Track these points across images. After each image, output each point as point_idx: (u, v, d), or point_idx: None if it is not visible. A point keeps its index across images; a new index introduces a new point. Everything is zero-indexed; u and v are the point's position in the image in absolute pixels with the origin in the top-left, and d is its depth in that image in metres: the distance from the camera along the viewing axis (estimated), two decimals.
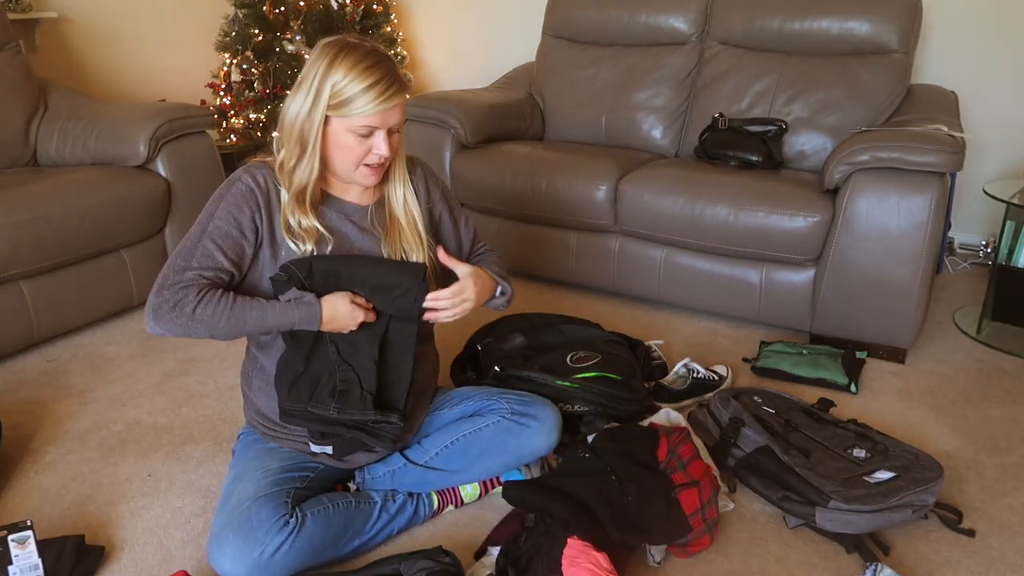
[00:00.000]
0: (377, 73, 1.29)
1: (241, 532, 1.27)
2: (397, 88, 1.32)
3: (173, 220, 2.54)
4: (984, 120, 2.97)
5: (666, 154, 2.87)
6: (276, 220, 1.38)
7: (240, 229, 1.35)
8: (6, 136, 2.53)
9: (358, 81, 1.28)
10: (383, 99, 1.30)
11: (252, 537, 1.26)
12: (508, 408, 1.55)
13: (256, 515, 1.28)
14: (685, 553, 1.43)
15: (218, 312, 1.29)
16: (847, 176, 2.13)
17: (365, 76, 1.29)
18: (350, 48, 1.30)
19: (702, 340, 2.36)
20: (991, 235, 3.06)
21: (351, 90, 1.29)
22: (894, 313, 2.12)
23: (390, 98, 1.31)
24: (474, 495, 1.58)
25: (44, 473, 1.70)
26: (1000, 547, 1.48)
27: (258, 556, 1.25)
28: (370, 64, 1.30)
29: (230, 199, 1.36)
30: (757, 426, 1.63)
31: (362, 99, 1.29)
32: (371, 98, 1.29)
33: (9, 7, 2.91)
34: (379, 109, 1.30)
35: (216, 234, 1.34)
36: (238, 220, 1.35)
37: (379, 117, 1.31)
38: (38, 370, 2.16)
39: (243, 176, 1.38)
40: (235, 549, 1.26)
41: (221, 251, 1.33)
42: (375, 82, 1.29)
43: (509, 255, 2.76)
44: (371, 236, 1.46)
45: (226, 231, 1.34)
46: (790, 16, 2.67)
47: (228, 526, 1.28)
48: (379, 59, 1.31)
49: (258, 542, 1.26)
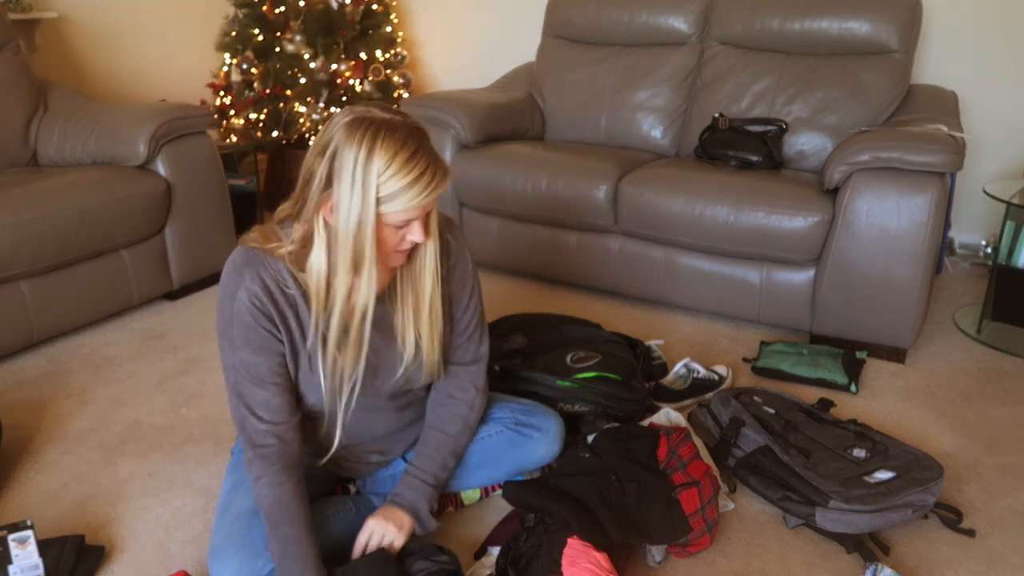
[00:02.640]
0: (422, 164, 1.14)
1: (243, 547, 1.26)
2: (441, 178, 1.16)
3: (173, 220, 2.54)
4: (984, 120, 2.97)
5: (666, 154, 2.87)
6: (289, 320, 1.25)
7: (268, 350, 1.24)
8: (6, 136, 2.53)
9: (401, 175, 1.12)
10: (428, 193, 1.15)
11: (253, 552, 1.25)
12: (511, 418, 1.54)
13: (257, 528, 1.27)
14: (685, 553, 1.43)
15: (263, 505, 1.24)
16: (847, 176, 2.13)
17: (408, 168, 1.13)
18: (386, 132, 1.13)
19: (702, 340, 2.36)
20: (991, 235, 3.06)
21: (393, 186, 1.13)
22: (894, 313, 2.12)
23: (435, 190, 1.16)
24: (474, 497, 1.58)
25: (44, 473, 1.70)
26: (1000, 547, 1.48)
27: (260, 569, 1.25)
28: (412, 152, 1.13)
29: (241, 328, 1.23)
30: (757, 426, 1.63)
31: (407, 195, 1.13)
32: (416, 193, 1.14)
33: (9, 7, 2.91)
34: (427, 202, 1.16)
35: (249, 373, 1.24)
36: (263, 346, 1.24)
37: (422, 210, 1.18)
38: (38, 370, 2.16)
39: (238, 292, 1.22)
40: (236, 563, 1.25)
41: (265, 378, 1.25)
42: (420, 175, 1.13)
43: (509, 255, 2.76)
44: (382, 324, 1.32)
45: (255, 361, 1.24)
46: (790, 16, 2.67)
47: (229, 539, 1.27)
48: (419, 144, 1.15)
49: (259, 556, 1.25)
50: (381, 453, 1.48)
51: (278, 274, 1.23)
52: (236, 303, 1.22)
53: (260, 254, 1.23)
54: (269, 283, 1.22)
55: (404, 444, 1.51)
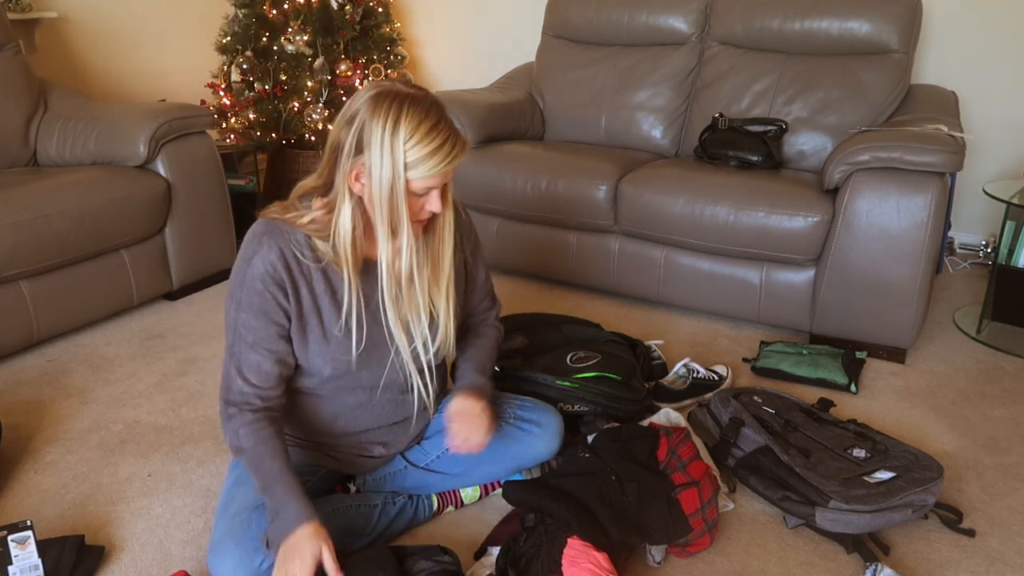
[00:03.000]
0: (443, 134, 1.21)
1: (242, 542, 1.26)
2: (461, 147, 1.24)
3: (173, 220, 2.54)
4: (984, 120, 2.97)
5: (666, 154, 2.87)
6: (302, 291, 1.30)
7: (270, 319, 1.29)
8: (6, 136, 2.53)
9: (424, 143, 1.20)
10: (449, 161, 1.22)
11: (252, 546, 1.25)
12: (510, 414, 1.55)
13: (257, 524, 1.27)
14: (685, 553, 1.43)
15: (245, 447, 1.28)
16: (847, 176, 2.13)
17: (431, 138, 1.20)
18: (411, 104, 1.21)
19: (702, 340, 2.36)
20: (991, 235, 3.06)
21: (418, 152, 1.20)
22: (894, 313, 2.12)
23: (456, 158, 1.24)
24: (474, 496, 1.58)
25: (44, 473, 1.70)
26: (1000, 547, 1.48)
27: (259, 565, 1.25)
28: (434, 123, 1.21)
29: (250, 293, 1.28)
30: (757, 426, 1.63)
31: (429, 162, 1.21)
32: (438, 161, 1.21)
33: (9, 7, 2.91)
34: (446, 171, 1.23)
35: (250, 336, 1.29)
36: (266, 312, 1.28)
37: (442, 178, 1.25)
38: (38, 370, 2.16)
39: (256, 257, 1.28)
40: (235, 558, 1.25)
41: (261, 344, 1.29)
42: (442, 144, 1.21)
43: (509, 255, 2.76)
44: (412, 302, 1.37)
45: (255, 326, 1.29)
46: (790, 16, 2.67)
47: (229, 534, 1.28)
48: (440, 116, 1.23)
49: (258, 551, 1.25)
50: (384, 445, 1.49)
51: (296, 243, 1.28)
52: (251, 268, 1.27)
53: (281, 224, 1.29)
54: (286, 252, 1.28)
55: (406, 438, 1.51)
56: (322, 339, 1.32)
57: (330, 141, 1.26)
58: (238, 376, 1.30)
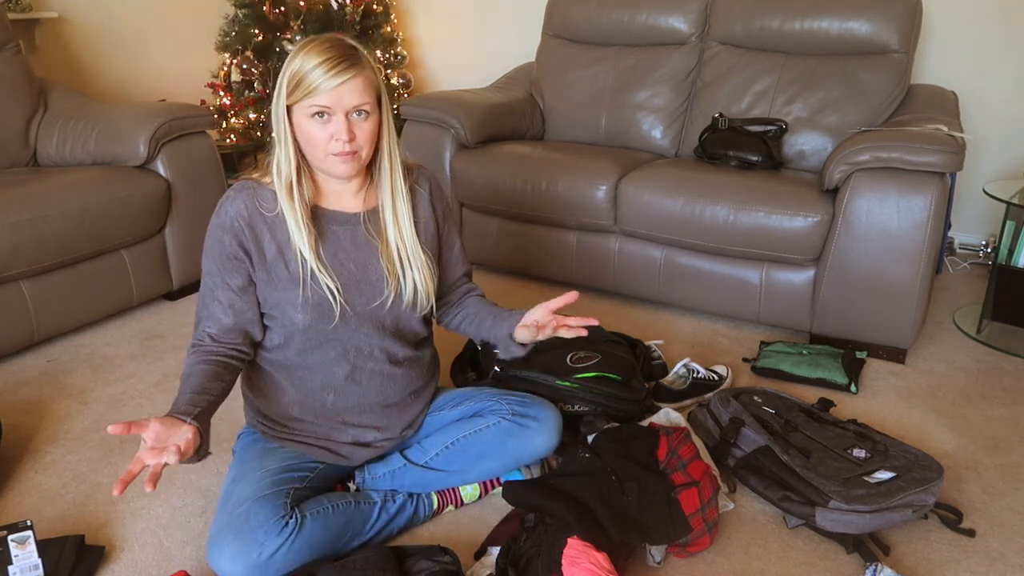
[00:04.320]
0: (329, 52, 1.25)
1: (240, 533, 1.27)
2: (348, 64, 1.25)
3: (173, 220, 2.54)
4: (984, 120, 2.97)
5: (666, 154, 2.87)
6: (264, 240, 1.37)
7: (229, 267, 1.37)
8: (6, 136, 2.53)
9: (308, 60, 1.25)
10: (331, 74, 1.24)
11: (251, 538, 1.26)
12: (508, 409, 1.55)
13: (255, 516, 1.28)
14: (685, 553, 1.43)
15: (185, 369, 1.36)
16: (847, 176, 2.13)
17: (316, 55, 1.24)
18: (315, 39, 1.28)
19: (702, 340, 2.36)
20: (991, 235, 3.06)
21: (302, 70, 1.25)
22: (894, 313, 2.12)
23: (339, 73, 1.24)
24: (474, 495, 1.58)
25: (44, 473, 1.70)
26: (1000, 547, 1.48)
27: (256, 557, 1.25)
28: (326, 46, 1.26)
29: (213, 240, 1.38)
30: (757, 426, 1.63)
31: (311, 77, 1.24)
32: (320, 74, 1.24)
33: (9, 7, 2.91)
34: (329, 85, 1.24)
35: (210, 282, 1.39)
36: (225, 254, 1.37)
37: (330, 96, 1.25)
38: (38, 370, 2.16)
39: (221, 208, 1.38)
40: (234, 550, 1.26)
41: (218, 291, 1.38)
42: (324, 60, 1.24)
43: (509, 255, 2.76)
44: (367, 246, 1.42)
45: (214, 272, 1.38)
46: (790, 16, 2.67)
47: (227, 526, 1.28)
48: (337, 42, 1.27)
49: (257, 543, 1.26)
50: (378, 430, 1.49)
51: (262, 197, 1.37)
52: (216, 218, 1.37)
53: (250, 183, 1.39)
54: (248, 205, 1.36)
55: (401, 423, 1.52)
56: (290, 284, 1.37)
57: None
58: (200, 322, 1.39)
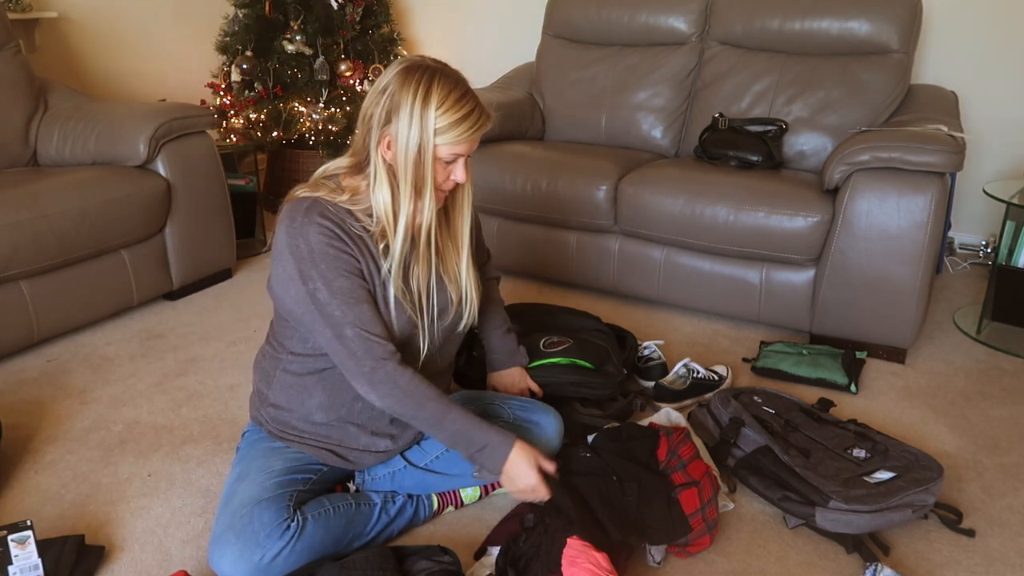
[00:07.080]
0: (471, 103, 1.30)
1: (243, 536, 1.26)
2: (487, 118, 1.33)
3: (173, 220, 2.54)
4: (984, 120, 2.97)
5: (666, 154, 2.87)
6: (363, 258, 1.34)
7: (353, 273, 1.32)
8: (6, 136, 2.53)
9: (453, 111, 1.28)
10: (476, 129, 1.30)
11: (253, 541, 1.26)
12: (510, 414, 1.56)
13: (258, 519, 1.28)
14: (685, 553, 1.43)
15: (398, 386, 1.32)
16: (847, 176, 2.13)
17: (460, 105, 1.28)
18: (440, 76, 1.29)
19: (702, 340, 2.36)
20: (991, 235, 3.06)
21: (446, 120, 1.28)
22: (894, 313, 2.12)
23: (482, 127, 1.32)
24: (474, 496, 1.58)
25: (44, 473, 1.70)
26: (1000, 547, 1.48)
27: (258, 560, 1.25)
28: (462, 93, 1.30)
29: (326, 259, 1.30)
30: (757, 426, 1.63)
31: (457, 129, 1.28)
32: (466, 128, 1.29)
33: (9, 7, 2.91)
34: (472, 138, 1.31)
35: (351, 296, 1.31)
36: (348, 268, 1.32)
37: (468, 145, 1.32)
38: (38, 370, 2.16)
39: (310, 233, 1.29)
40: (236, 552, 1.26)
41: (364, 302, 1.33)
42: (469, 112, 1.29)
43: (509, 255, 2.76)
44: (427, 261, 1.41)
45: (347, 285, 1.31)
46: (790, 16, 2.67)
47: (230, 529, 1.28)
48: (467, 87, 1.33)
49: (259, 546, 1.26)
50: (392, 438, 1.49)
51: (339, 216, 1.32)
52: (311, 242, 1.30)
53: (319, 200, 1.32)
54: (334, 220, 1.31)
55: (414, 432, 1.51)
56: (383, 303, 1.36)
57: (361, 116, 1.33)
58: (369, 336, 1.31)
